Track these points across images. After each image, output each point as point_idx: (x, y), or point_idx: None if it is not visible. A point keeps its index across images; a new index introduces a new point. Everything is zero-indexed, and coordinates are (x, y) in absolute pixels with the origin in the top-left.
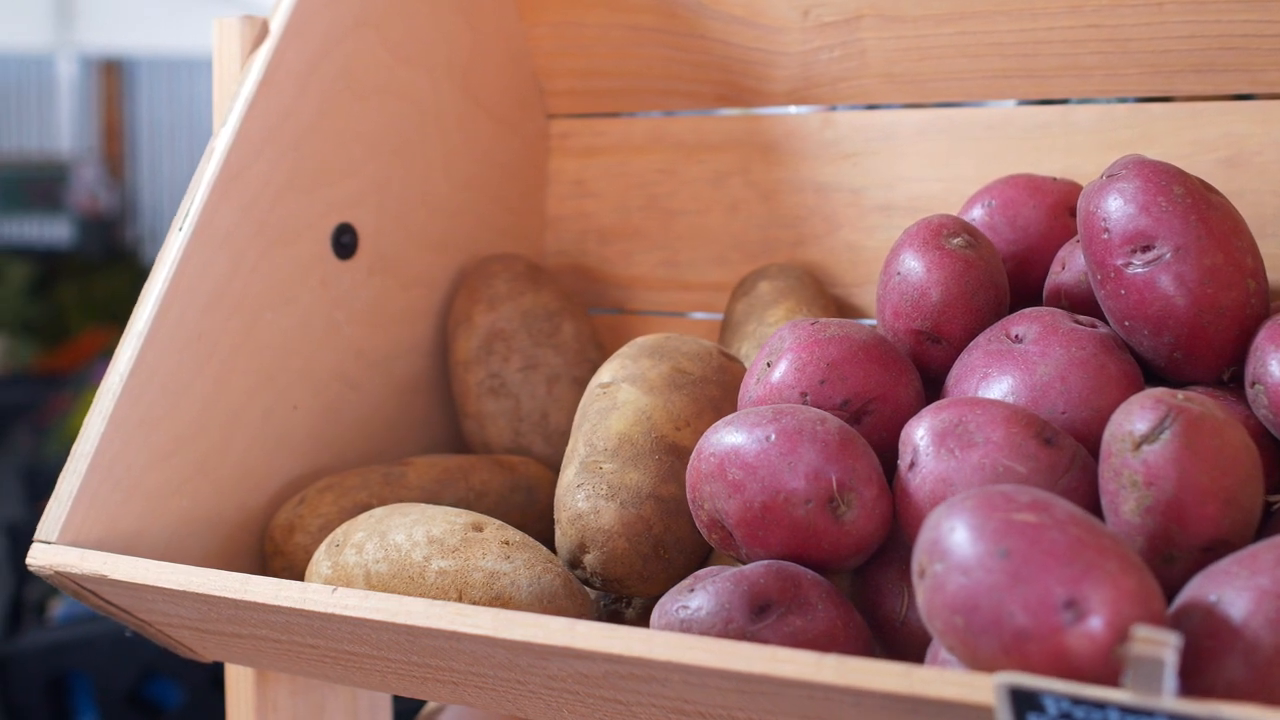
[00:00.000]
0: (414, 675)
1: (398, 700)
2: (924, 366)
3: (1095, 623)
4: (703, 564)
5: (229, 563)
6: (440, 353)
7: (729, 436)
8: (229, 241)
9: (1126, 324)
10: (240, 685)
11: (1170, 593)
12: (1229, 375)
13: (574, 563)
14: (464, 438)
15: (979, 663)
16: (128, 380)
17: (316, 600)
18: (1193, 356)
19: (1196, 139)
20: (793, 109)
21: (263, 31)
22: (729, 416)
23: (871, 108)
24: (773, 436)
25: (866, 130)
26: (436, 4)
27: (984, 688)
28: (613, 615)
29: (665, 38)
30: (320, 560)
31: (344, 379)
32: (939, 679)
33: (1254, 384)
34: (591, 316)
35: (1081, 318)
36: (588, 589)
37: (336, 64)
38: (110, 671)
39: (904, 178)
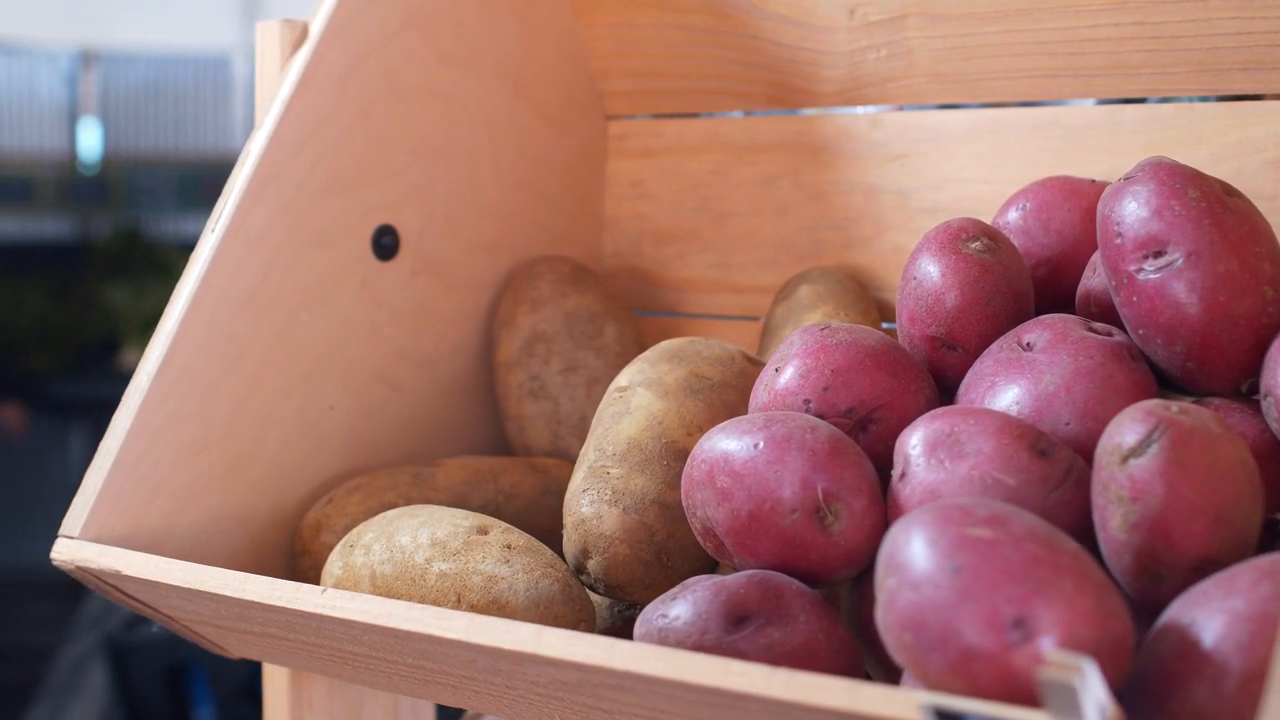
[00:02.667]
0: (415, 678)
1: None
2: (941, 374)
3: (1046, 643)
4: (709, 572)
5: (260, 561)
6: (487, 354)
7: (720, 443)
8: (262, 243)
9: (1140, 332)
10: (276, 682)
11: (1159, 614)
12: (1247, 387)
13: (579, 568)
14: (507, 440)
15: (929, 681)
16: (155, 379)
17: (307, 600)
18: (1206, 367)
19: (1244, 139)
20: (852, 110)
21: (302, 35)
22: (724, 423)
23: (919, 108)
24: (761, 444)
25: (915, 131)
26: (487, 6)
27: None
28: (628, 623)
29: (716, 38)
30: (334, 561)
31: (384, 380)
32: (882, 697)
33: (1266, 395)
34: (637, 319)
35: (1098, 325)
36: (598, 596)
37: (379, 67)
38: (227, 663)
39: (951, 179)
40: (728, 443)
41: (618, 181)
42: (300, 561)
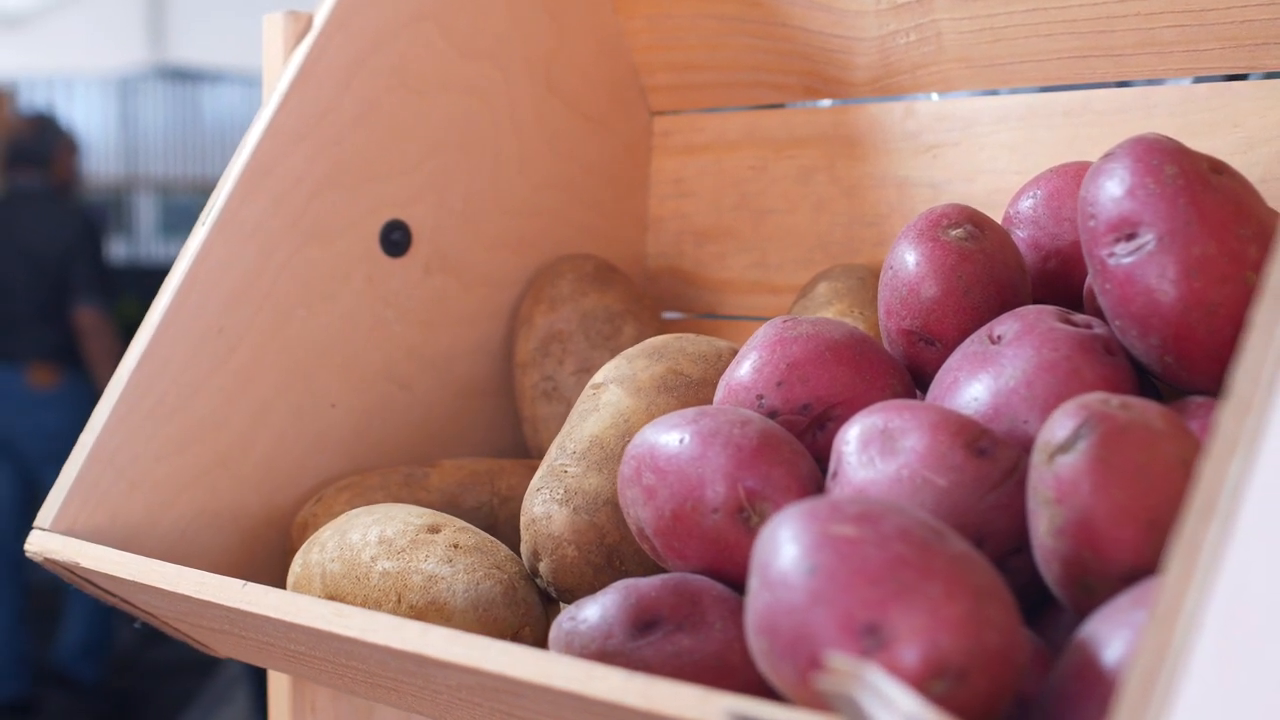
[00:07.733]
0: (360, 680)
1: None
2: (919, 371)
3: (905, 653)
4: None
5: (253, 560)
6: (508, 354)
7: (649, 437)
8: (256, 236)
9: (1117, 323)
10: (278, 686)
11: None
12: None
13: (533, 571)
14: (523, 441)
15: (784, 690)
16: (135, 372)
17: (230, 595)
18: (1184, 361)
19: None
20: (886, 99)
21: (306, 27)
22: (660, 418)
23: (951, 96)
24: (687, 439)
25: (947, 120)
26: None
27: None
28: None
29: (750, 26)
30: (296, 559)
31: (393, 378)
32: (736, 706)
33: None
34: (665, 320)
35: (1079, 317)
36: (555, 599)
37: (388, 59)
38: None
39: (983, 171)
40: (656, 437)
41: (661, 180)
42: (290, 559)
